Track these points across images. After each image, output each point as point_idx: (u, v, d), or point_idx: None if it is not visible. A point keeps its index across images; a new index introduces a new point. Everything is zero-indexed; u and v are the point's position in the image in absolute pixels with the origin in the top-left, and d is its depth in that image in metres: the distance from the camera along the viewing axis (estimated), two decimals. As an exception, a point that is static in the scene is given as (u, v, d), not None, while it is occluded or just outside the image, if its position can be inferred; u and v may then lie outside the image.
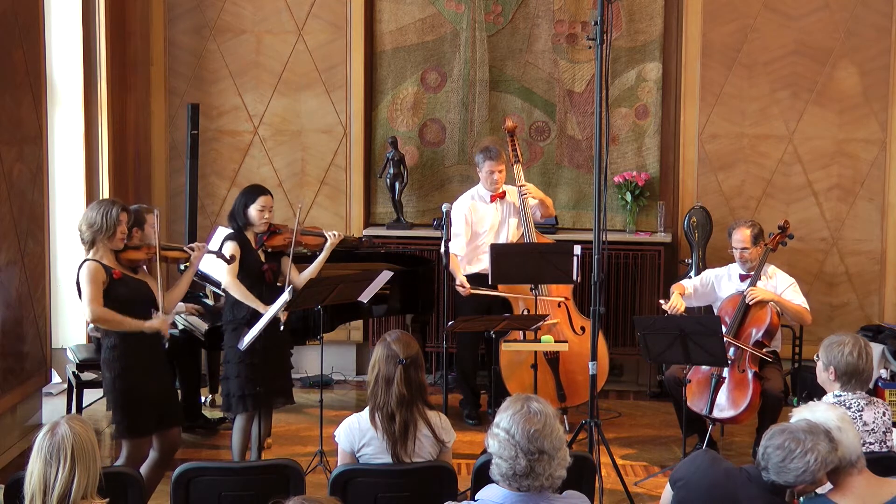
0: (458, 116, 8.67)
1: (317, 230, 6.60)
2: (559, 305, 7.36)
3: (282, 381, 6.35)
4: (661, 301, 6.89)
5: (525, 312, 7.26)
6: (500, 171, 7.44)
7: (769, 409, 6.60)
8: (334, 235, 6.48)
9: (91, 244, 5.50)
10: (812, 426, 3.76)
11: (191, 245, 5.94)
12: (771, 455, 3.71)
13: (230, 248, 6.15)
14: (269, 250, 6.31)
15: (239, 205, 6.26)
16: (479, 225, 7.53)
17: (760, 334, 6.66)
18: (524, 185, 7.48)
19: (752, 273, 6.85)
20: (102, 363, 5.65)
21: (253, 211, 6.21)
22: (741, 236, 6.87)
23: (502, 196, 7.53)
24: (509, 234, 7.54)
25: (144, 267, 5.73)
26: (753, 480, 3.77)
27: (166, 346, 5.83)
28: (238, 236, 6.21)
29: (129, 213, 5.65)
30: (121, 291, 5.48)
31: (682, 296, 6.94)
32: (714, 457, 3.93)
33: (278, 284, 6.31)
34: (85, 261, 5.49)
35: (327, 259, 6.53)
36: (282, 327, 6.08)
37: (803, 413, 3.93)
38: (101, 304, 5.43)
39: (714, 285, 7.04)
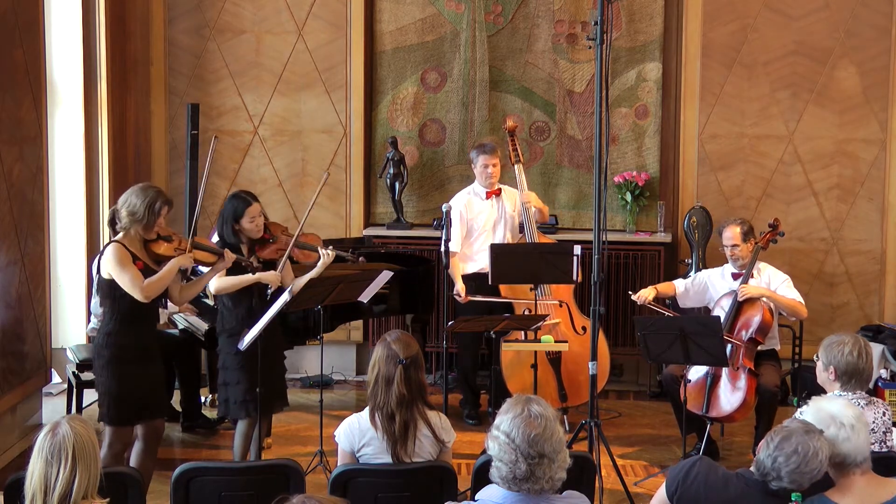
0: (458, 116, 8.67)
1: (312, 243, 6.37)
2: (560, 305, 7.36)
3: (278, 384, 6.31)
4: (630, 292, 6.92)
5: (526, 313, 7.25)
6: (494, 165, 7.45)
7: (765, 406, 6.61)
8: (328, 254, 6.25)
9: (125, 230, 5.53)
10: (807, 426, 3.76)
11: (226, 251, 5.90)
12: (783, 464, 3.67)
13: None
14: (261, 261, 6.20)
15: (228, 216, 6.09)
16: (475, 221, 7.53)
17: (753, 331, 6.67)
18: (525, 194, 7.46)
19: (744, 271, 6.86)
20: (95, 347, 5.67)
21: (245, 223, 6.07)
22: (731, 234, 6.90)
23: (498, 193, 7.53)
24: (506, 233, 7.52)
25: None
26: (752, 486, 3.76)
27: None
28: (229, 248, 6.06)
29: (171, 208, 5.66)
30: None
31: (676, 295, 7.02)
32: (710, 464, 3.90)
33: (269, 290, 6.24)
34: (110, 243, 5.51)
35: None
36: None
37: (820, 403, 3.91)
38: (142, 280, 5.44)
39: (707, 285, 7.05)
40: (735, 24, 8.41)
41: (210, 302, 7.27)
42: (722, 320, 6.66)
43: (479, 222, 7.52)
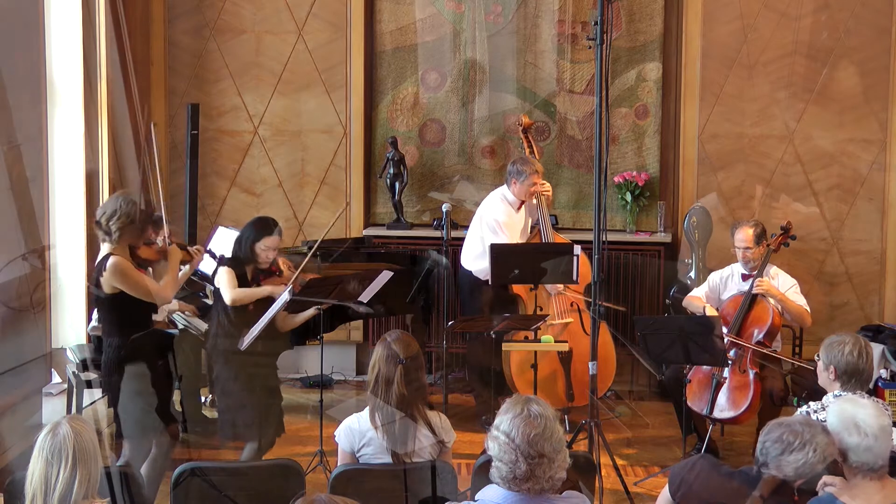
0: (458, 116, 8.67)
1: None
2: (571, 305, 7.36)
3: (274, 409, 6.26)
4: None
5: (539, 310, 7.22)
6: (539, 184, 7.50)
7: (769, 408, 6.60)
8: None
9: (119, 237, 5.42)
10: (808, 420, 3.77)
11: (196, 247, 5.90)
12: (769, 449, 3.71)
13: (222, 274, 6.07)
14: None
15: (247, 237, 6.10)
16: (511, 230, 7.55)
17: (762, 335, 6.66)
18: (544, 184, 7.49)
19: (755, 273, 6.85)
20: (105, 363, 5.61)
21: (259, 249, 6.07)
22: (744, 236, 6.88)
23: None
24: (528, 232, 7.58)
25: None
26: (752, 482, 3.77)
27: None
28: (234, 265, 6.08)
29: None
30: None
31: (705, 307, 6.97)
32: (713, 461, 3.91)
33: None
34: (109, 256, 5.42)
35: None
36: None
37: (846, 405, 3.87)
38: (155, 283, 5.43)
39: (720, 287, 7.05)
40: (735, 24, 8.41)
41: (210, 302, 7.27)
42: (730, 323, 6.66)
43: (515, 230, 7.53)
